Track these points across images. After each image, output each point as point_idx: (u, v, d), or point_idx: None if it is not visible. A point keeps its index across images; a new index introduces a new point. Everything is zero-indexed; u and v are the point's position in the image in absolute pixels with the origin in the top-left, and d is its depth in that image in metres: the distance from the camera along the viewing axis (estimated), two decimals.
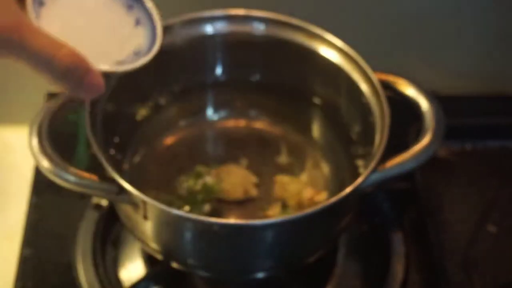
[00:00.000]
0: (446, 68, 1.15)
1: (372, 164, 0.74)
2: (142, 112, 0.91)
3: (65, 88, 0.59)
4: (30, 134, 0.76)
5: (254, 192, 0.88)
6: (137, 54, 0.66)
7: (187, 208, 0.85)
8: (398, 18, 1.08)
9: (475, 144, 1.09)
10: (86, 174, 0.73)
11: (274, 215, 0.86)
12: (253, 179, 0.89)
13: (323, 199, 0.86)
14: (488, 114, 1.10)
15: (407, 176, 0.92)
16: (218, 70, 0.94)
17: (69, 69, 0.58)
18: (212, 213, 0.86)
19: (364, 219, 0.99)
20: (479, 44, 1.13)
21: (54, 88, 0.60)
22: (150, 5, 0.68)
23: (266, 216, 0.85)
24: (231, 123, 0.95)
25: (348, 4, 1.07)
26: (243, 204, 0.88)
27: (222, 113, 0.96)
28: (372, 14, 1.08)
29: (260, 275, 0.81)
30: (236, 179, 0.88)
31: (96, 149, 0.74)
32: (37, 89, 1.08)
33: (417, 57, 1.14)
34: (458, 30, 1.11)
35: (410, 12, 1.08)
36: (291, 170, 0.90)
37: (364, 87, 0.84)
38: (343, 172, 0.89)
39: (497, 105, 1.13)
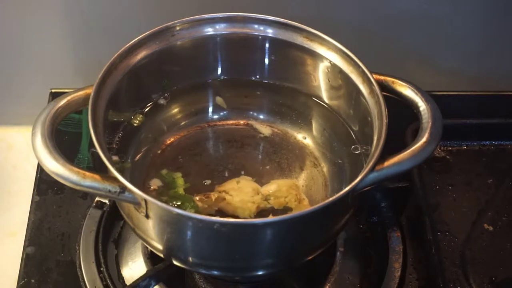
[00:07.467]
0: (443, 69, 1.16)
1: (370, 164, 0.75)
2: (142, 113, 0.91)
3: None
4: (33, 133, 0.75)
5: (266, 205, 0.86)
6: None
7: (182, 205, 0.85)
8: (396, 21, 1.09)
9: (472, 144, 1.10)
10: (89, 174, 0.73)
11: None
12: (265, 191, 0.86)
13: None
14: (484, 114, 1.10)
15: (404, 175, 0.93)
16: (218, 70, 0.95)
17: None
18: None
19: (362, 218, 1.00)
20: (475, 45, 1.14)
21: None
22: None
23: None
24: (231, 123, 0.96)
25: (346, 7, 1.07)
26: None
27: (222, 113, 0.96)
28: (370, 16, 1.08)
29: (260, 273, 0.81)
30: (246, 196, 0.85)
31: (98, 148, 0.74)
32: (40, 89, 1.08)
33: (414, 58, 1.14)
34: (453, 32, 1.11)
35: (407, 14, 1.08)
36: (291, 170, 0.90)
37: (362, 87, 0.85)
38: (342, 171, 0.89)
39: (493, 105, 1.14)
